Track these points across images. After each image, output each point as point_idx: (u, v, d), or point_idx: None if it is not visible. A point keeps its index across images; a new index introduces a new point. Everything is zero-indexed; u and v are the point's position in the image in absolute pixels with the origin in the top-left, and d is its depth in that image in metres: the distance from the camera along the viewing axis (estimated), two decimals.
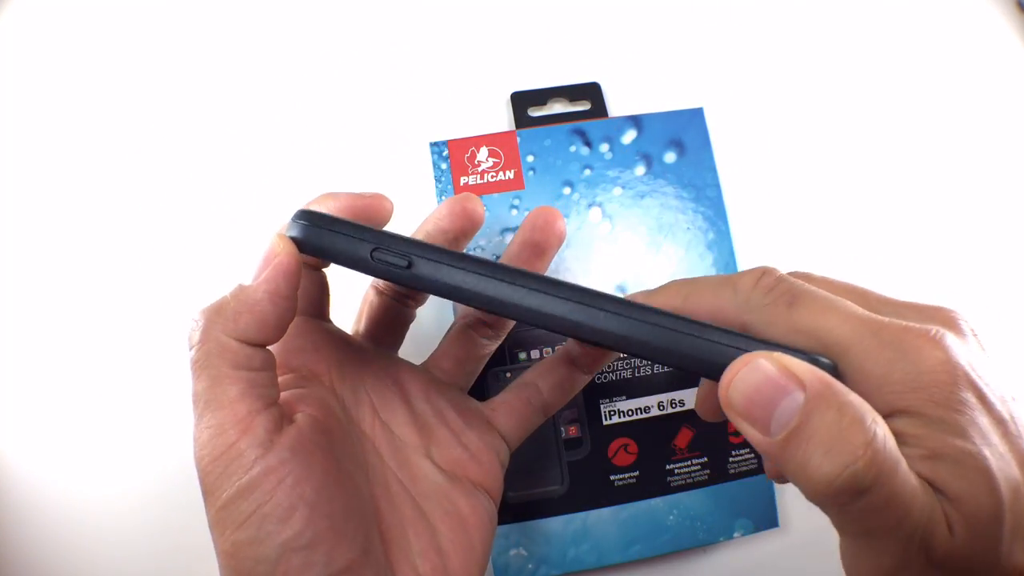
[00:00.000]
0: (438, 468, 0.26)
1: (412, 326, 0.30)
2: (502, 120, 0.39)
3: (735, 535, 0.35)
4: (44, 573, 0.35)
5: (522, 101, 0.39)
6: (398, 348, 0.29)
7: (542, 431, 0.35)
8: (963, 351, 0.17)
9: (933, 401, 0.16)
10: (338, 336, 0.26)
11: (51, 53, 0.40)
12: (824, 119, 0.41)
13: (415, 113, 0.39)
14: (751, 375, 0.17)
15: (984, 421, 0.17)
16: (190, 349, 0.21)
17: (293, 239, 0.22)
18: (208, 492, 0.20)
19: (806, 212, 0.40)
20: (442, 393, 0.28)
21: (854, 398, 0.16)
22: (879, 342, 0.17)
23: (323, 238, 0.22)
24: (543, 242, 0.27)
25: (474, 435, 0.27)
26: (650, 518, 0.35)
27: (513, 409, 0.28)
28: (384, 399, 0.26)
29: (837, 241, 0.40)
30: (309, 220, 0.22)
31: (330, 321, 0.27)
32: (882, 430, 0.16)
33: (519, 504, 0.34)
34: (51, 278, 0.37)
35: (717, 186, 0.38)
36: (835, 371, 0.18)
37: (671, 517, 0.35)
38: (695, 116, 0.38)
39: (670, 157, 0.38)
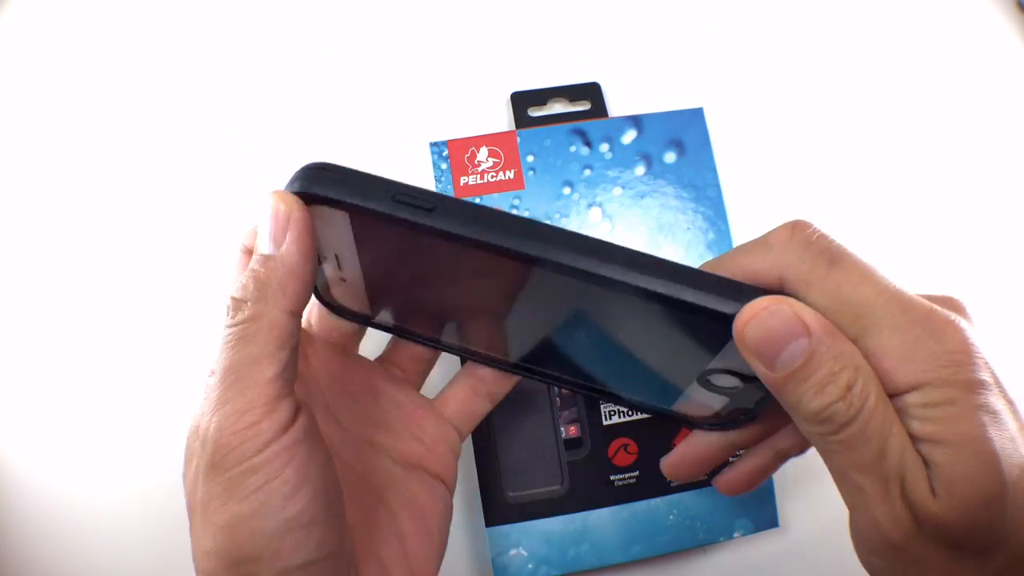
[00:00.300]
0: (394, 461, 0.27)
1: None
2: (502, 120, 0.40)
3: (735, 535, 0.35)
4: (46, 574, 0.35)
5: (522, 101, 0.39)
6: (357, 346, 0.29)
7: (542, 431, 0.35)
8: (978, 337, 0.19)
9: (954, 380, 0.18)
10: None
11: (51, 53, 0.40)
12: (824, 119, 0.41)
13: (415, 113, 0.39)
14: (769, 318, 0.19)
15: (1000, 403, 0.19)
16: (234, 323, 0.20)
17: (300, 194, 0.21)
18: (215, 465, 0.20)
19: (806, 212, 0.40)
20: (396, 389, 0.28)
21: (848, 347, 0.19)
22: (909, 320, 0.19)
23: (341, 186, 0.21)
24: None
25: (427, 429, 0.28)
26: (650, 518, 0.35)
27: (462, 401, 0.29)
28: (337, 395, 0.27)
29: (837, 240, 0.40)
30: (320, 170, 0.21)
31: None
32: (864, 378, 0.19)
33: (519, 504, 0.34)
34: (52, 279, 0.37)
35: (717, 186, 0.38)
36: None
37: (671, 517, 0.35)
38: (695, 116, 0.38)
39: (670, 157, 0.38)
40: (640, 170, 0.38)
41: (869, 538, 0.20)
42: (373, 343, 0.30)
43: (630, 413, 0.36)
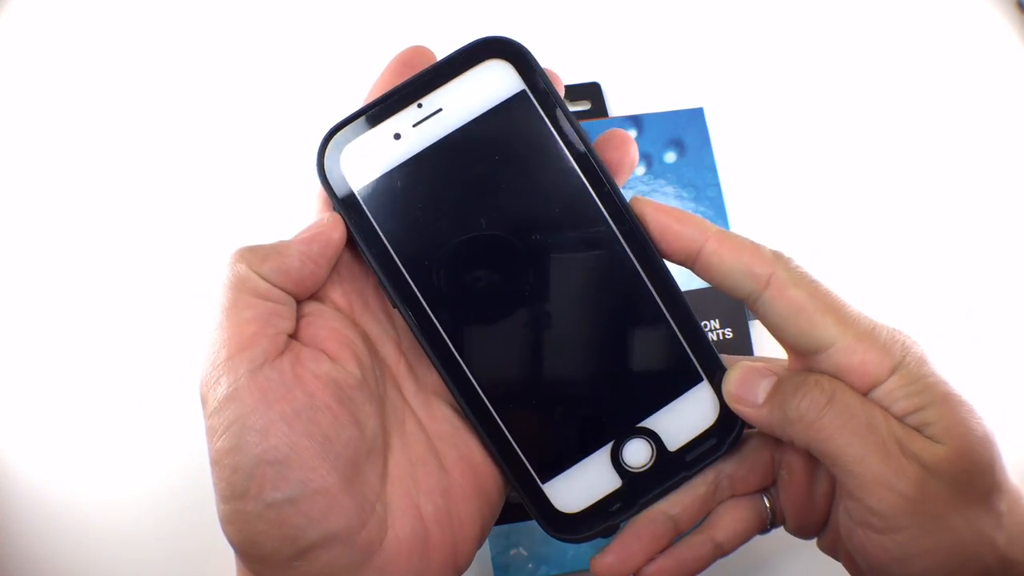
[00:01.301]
0: (456, 412, 0.25)
1: None
2: None
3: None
4: (47, 574, 0.35)
5: None
6: None
7: None
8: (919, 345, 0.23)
9: (919, 358, 0.22)
10: (364, 266, 0.26)
11: (51, 53, 0.40)
12: (824, 119, 0.41)
13: None
14: (739, 374, 0.24)
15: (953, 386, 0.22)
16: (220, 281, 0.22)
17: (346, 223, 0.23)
18: (203, 401, 0.21)
19: (806, 212, 0.40)
20: None
21: (803, 376, 0.23)
22: (866, 328, 0.22)
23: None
24: (618, 161, 0.25)
25: None
26: None
27: None
28: (410, 340, 0.26)
29: (837, 241, 0.40)
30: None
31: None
32: (827, 377, 0.22)
33: (519, 504, 0.34)
34: (57, 278, 0.37)
35: (717, 186, 0.38)
36: None
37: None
38: (695, 116, 0.38)
39: (670, 157, 0.38)
40: (640, 170, 0.38)
41: (880, 506, 0.20)
42: None
43: None
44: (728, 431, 0.24)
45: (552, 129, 0.23)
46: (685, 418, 0.24)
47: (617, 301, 0.24)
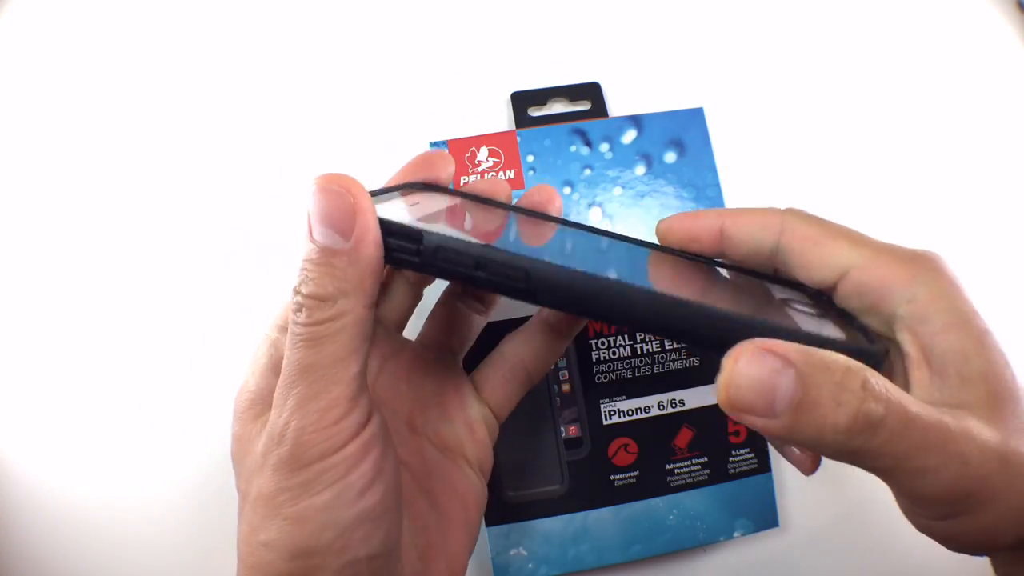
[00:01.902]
0: (434, 446, 0.26)
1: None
2: (502, 120, 0.40)
3: (735, 535, 0.35)
4: (49, 574, 0.35)
5: (522, 101, 0.39)
6: (402, 328, 0.29)
7: (542, 431, 0.35)
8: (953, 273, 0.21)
9: (935, 279, 0.21)
10: None
11: (51, 53, 0.40)
12: (824, 119, 0.41)
13: (415, 113, 0.39)
14: (742, 371, 0.17)
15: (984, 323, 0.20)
16: (313, 322, 0.19)
17: None
18: (294, 460, 0.19)
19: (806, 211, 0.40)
20: (437, 369, 0.28)
21: (830, 355, 0.18)
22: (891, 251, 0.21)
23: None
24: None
25: (467, 410, 0.27)
26: (650, 518, 0.35)
27: (498, 383, 0.28)
28: (383, 380, 0.26)
29: None
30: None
31: None
32: (868, 370, 0.18)
33: (519, 504, 0.34)
34: (63, 278, 0.37)
35: (717, 186, 0.38)
36: (887, 354, 0.21)
37: (671, 517, 0.35)
38: (695, 116, 0.38)
39: (670, 157, 0.38)
40: (640, 170, 0.38)
41: (942, 505, 0.18)
42: (411, 329, 0.30)
43: (630, 413, 0.36)
44: None
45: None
46: None
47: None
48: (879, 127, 0.41)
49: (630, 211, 0.37)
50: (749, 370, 0.17)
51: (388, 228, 0.20)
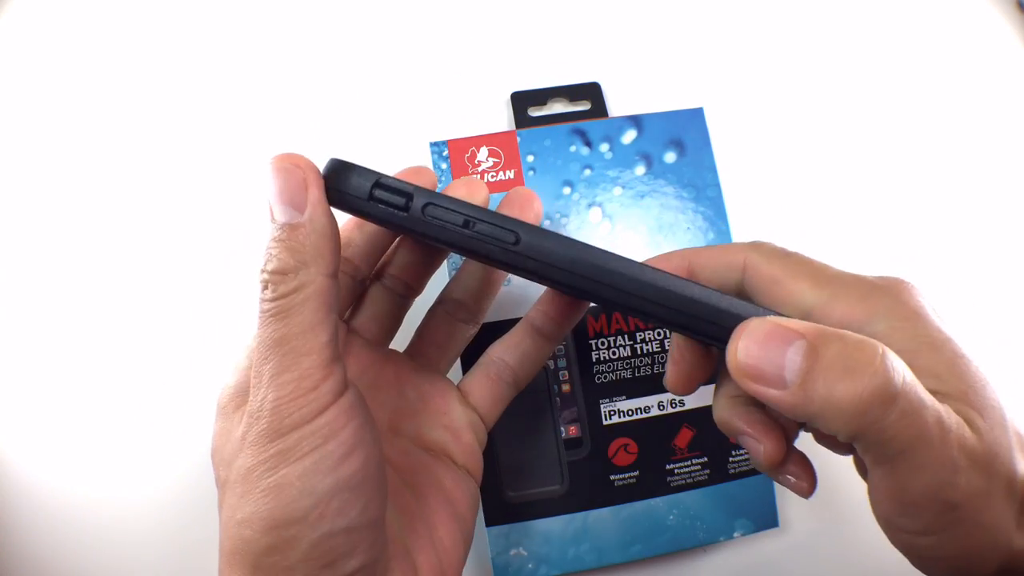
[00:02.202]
0: (420, 448, 0.26)
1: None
2: (502, 120, 0.40)
3: (735, 535, 0.35)
4: (49, 574, 0.35)
5: (522, 101, 0.39)
6: (389, 341, 0.29)
7: (542, 431, 0.35)
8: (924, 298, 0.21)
9: (899, 311, 0.20)
10: None
11: (51, 53, 0.40)
12: (824, 119, 0.41)
13: (415, 113, 0.39)
14: (752, 336, 0.18)
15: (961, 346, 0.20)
16: (277, 296, 0.20)
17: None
18: (272, 432, 0.20)
19: (806, 212, 0.40)
20: (422, 377, 0.28)
21: (846, 331, 0.18)
22: (863, 283, 0.21)
23: (333, 175, 0.21)
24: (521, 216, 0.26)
25: (453, 415, 0.28)
26: (650, 518, 0.35)
27: (486, 388, 0.29)
28: (364, 386, 0.26)
29: (837, 240, 0.40)
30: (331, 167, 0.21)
31: None
32: (880, 345, 0.17)
33: (519, 504, 0.34)
34: (58, 278, 0.37)
35: (717, 186, 0.38)
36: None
37: (671, 517, 0.35)
38: (695, 116, 0.38)
39: (670, 157, 0.38)
40: (640, 170, 0.38)
41: (926, 517, 0.18)
42: (400, 339, 0.30)
43: (630, 413, 0.36)
44: None
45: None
46: None
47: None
48: (879, 127, 0.41)
49: (630, 211, 0.37)
50: (758, 336, 0.18)
51: (380, 183, 0.21)
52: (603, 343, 0.36)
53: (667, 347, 0.36)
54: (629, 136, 0.38)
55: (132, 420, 0.36)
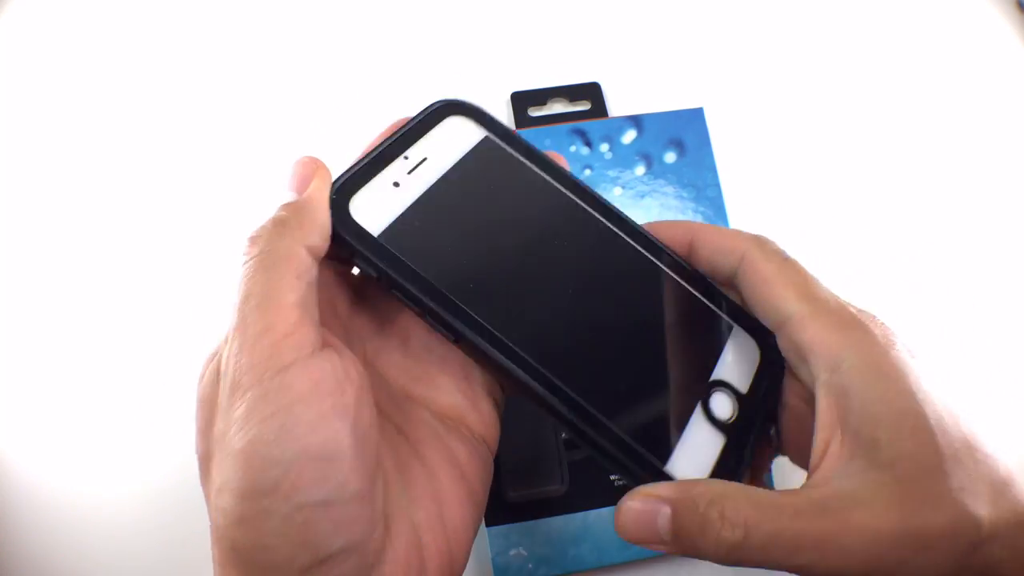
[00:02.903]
0: (435, 415, 0.25)
1: None
2: (502, 120, 0.39)
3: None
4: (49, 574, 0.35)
5: (522, 101, 0.39)
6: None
7: (542, 431, 0.35)
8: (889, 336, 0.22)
9: (869, 350, 0.21)
10: (332, 272, 0.25)
11: (51, 53, 0.40)
12: (824, 119, 0.41)
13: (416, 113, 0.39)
14: (627, 514, 0.21)
15: (919, 366, 0.21)
16: (247, 259, 0.20)
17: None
18: (235, 386, 0.19)
19: (806, 212, 0.40)
20: (439, 342, 0.26)
21: (699, 487, 0.21)
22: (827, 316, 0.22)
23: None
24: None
25: (471, 380, 0.26)
26: None
27: None
28: (377, 345, 0.26)
29: (836, 240, 0.40)
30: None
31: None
32: (728, 499, 0.20)
33: (519, 504, 0.35)
34: (52, 277, 0.37)
35: (717, 186, 0.38)
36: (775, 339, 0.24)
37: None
38: (695, 116, 0.38)
39: (670, 157, 0.38)
40: (640, 170, 0.38)
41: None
42: None
43: None
44: (775, 356, 0.25)
45: (525, 160, 0.27)
46: (739, 361, 0.25)
47: (642, 287, 0.26)
48: (879, 127, 0.41)
49: (630, 211, 0.37)
50: (633, 512, 0.21)
51: (358, 234, 0.23)
52: None
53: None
54: (629, 136, 0.38)
55: (127, 417, 0.36)
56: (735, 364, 0.25)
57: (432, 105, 0.27)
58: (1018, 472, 0.20)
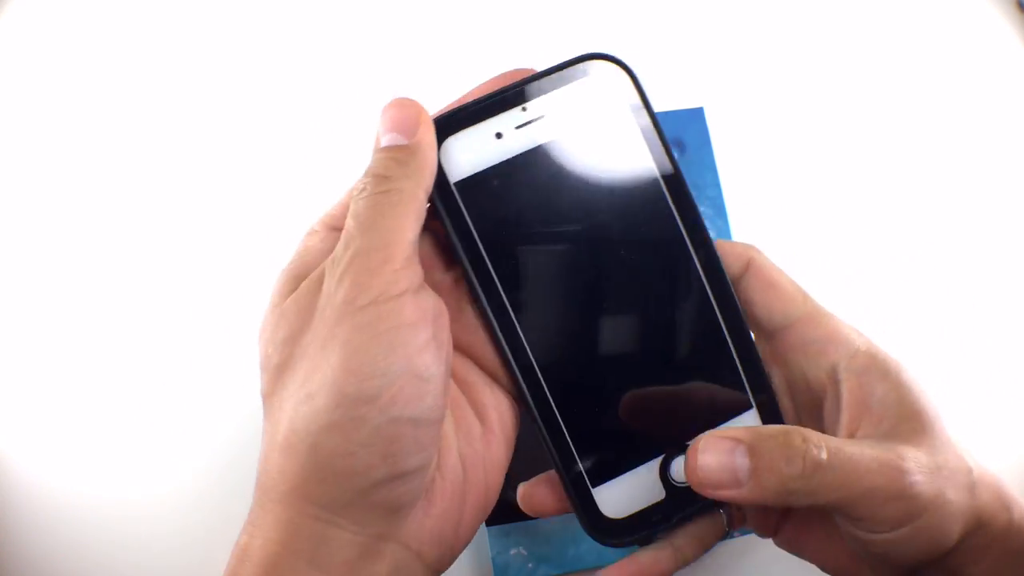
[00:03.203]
0: (481, 370, 0.26)
1: None
2: None
3: (735, 535, 0.35)
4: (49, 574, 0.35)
5: None
6: None
7: None
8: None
9: (868, 349, 0.24)
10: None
11: (51, 53, 0.40)
12: (824, 119, 0.41)
13: None
14: (704, 453, 0.22)
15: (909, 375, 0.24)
16: (379, 191, 0.21)
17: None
18: (350, 301, 0.20)
19: (806, 212, 0.40)
20: None
21: (773, 428, 0.22)
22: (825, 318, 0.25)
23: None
24: None
25: None
26: None
27: None
28: (445, 285, 0.26)
29: (836, 240, 0.40)
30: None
31: None
32: (805, 430, 0.22)
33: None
34: (52, 277, 0.37)
35: (717, 186, 0.38)
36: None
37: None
38: (695, 116, 0.38)
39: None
40: None
41: (887, 523, 0.21)
42: None
43: None
44: None
45: (648, 150, 0.24)
46: None
47: (685, 324, 0.25)
48: (879, 127, 0.42)
49: None
50: (710, 454, 0.21)
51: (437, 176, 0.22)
52: None
53: None
54: None
55: (138, 420, 0.36)
56: None
57: (581, 56, 0.24)
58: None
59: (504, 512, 0.34)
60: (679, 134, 0.38)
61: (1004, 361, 0.39)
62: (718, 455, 0.21)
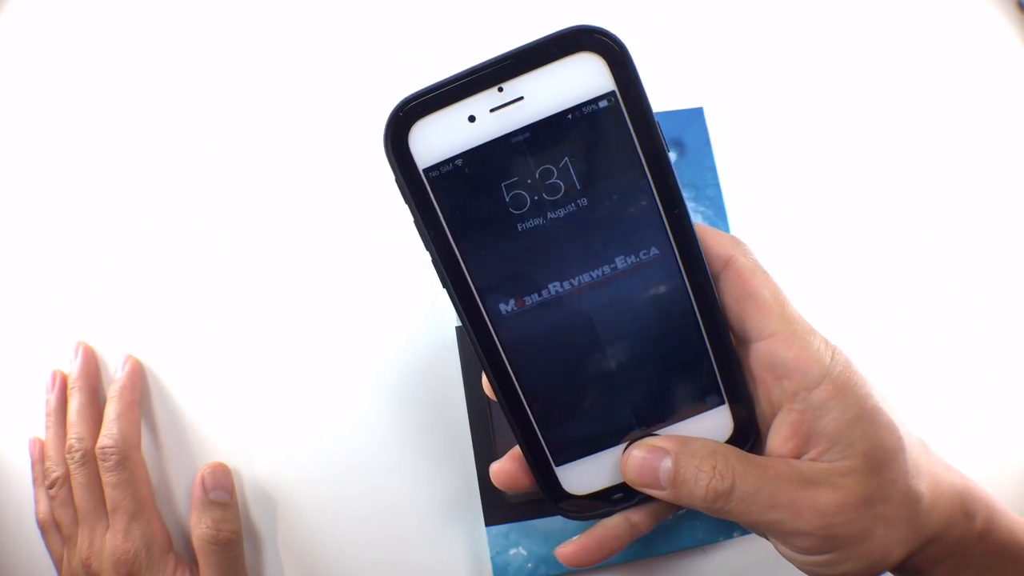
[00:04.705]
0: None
1: None
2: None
3: (735, 535, 0.35)
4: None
5: None
6: None
7: None
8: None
9: (842, 371, 0.24)
10: None
11: (51, 53, 0.40)
12: (824, 119, 0.41)
13: None
14: (635, 458, 0.24)
15: (868, 378, 0.24)
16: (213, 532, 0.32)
17: None
18: None
19: (805, 212, 0.40)
20: None
21: (699, 443, 0.24)
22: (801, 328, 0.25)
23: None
24: None
25: None
26: None
27: None
28: None
29: (836, 240, 0.40)
30: None
31: None
32: (722, 455, 0.24)
33: (519, 504, 0.35)
34: (52, 277, 0.37)
35: (717, 186, 0.38)
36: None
37: (670, 517, 0.35)
38: (695, 116, 0.38)
39: (670, 157, 0.38)
40: None
41: (806, 545, 0.23)
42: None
43: None
44: (740, 446, 0.25)
45: (635, 138, 0.22)
46: (698, 434, 0.25)
47: (662, 317, 0.24)
48: (879, 127, 0.41)
49: None
50: (640, 458, 0.24)
51: (404, 161, 0.22)
52: None
53: None
54: None
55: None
56: (691, 433, 0.24)
57: (567, 30, 0.22)
58: (942, 463, 0.26)
59: (504, 512, 0.34)
60: (679, 134, 0.38)
61: (1004, 361, 0.39)
62: (646, 458, 0.24)
